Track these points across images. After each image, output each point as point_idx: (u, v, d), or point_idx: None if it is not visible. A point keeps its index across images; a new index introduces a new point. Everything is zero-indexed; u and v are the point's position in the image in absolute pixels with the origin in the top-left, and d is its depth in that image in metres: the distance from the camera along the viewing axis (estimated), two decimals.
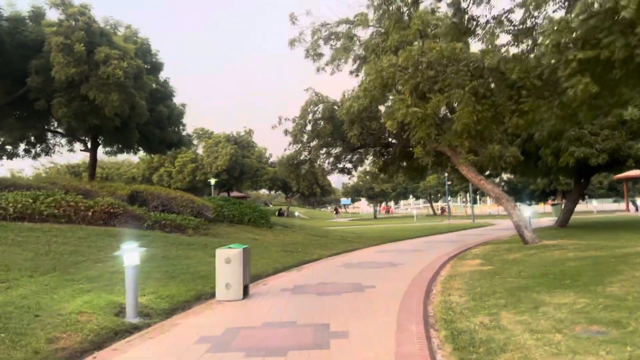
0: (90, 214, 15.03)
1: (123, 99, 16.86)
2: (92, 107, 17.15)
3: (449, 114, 14.30)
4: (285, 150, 20.35)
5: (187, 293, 8.95)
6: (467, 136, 11.37)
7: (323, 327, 6.55)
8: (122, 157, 59.29)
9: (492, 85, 11.00)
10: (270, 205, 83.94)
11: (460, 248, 17.25)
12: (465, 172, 16.38)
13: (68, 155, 62.40)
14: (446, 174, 51.13)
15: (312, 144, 19.74)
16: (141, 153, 28.08)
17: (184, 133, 24.87)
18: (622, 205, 54.57)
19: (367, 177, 21.26)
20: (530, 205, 64.43)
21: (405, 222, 46.95)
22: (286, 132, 19.48)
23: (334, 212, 71.44)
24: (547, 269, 9.90)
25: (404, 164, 20.71)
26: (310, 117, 18.02)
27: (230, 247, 9.05)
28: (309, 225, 35.88)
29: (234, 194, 63.34)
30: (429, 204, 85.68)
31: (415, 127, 11.34)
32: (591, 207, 50.90)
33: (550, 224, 27.45)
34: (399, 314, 7.15)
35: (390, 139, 19.32)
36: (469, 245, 18.38)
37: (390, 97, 13.06)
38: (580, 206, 55.34)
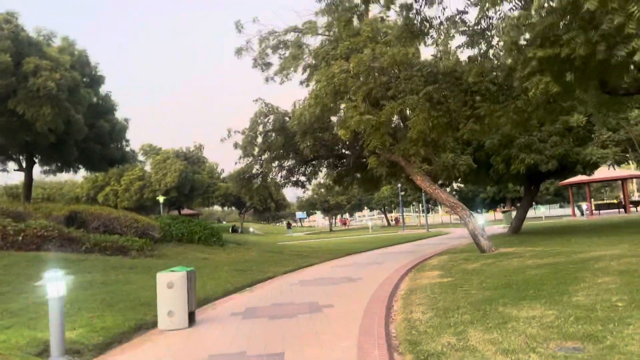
0: (20, 238, 13.74)
1: (56, 113, 15.66)
2: (22, 123, 15.85)
3: (402, 124, 14.00)
4: (235, 164, 19.57)
5: (125, 323, 8.01)
6: (423, 144, 11.02)
7: (277, 358, 5.85)
8: (65, 176, 56.42)
9: (446, 92, 10.73)
10: (224, 222, 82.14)
11: (417, 259, 16.92)
12: (420, 182, 16.12)
13: (5, 176, 59.11)
14: (400, 185, 51.51)
15: (263, 157, 19.05)
16: (83, 171, 26.56)
17: (127, 149, 23.64)
18: (567, 211, 56.56)
19: (322, 189, 20.79)
20: (481, 213, 65.97)
21: (361, 234, 46.75)
22: (236, 145, 18.71)
23: (287, 226, 70.12)
24: (508, 279, 9.59)
25: (358, 175, 20.34)
26: (260, 128, 17.35)
27: (173, 271, 8.21)
28: (264, 241, 34.99)
29: (185, 211, 61.49)
30: (382, 215, 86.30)
31: (370, 136, 10.86)
32: (539, 213, 52.44)
33: (503, 231, 27.77)
34: (360, 337, 6.54)
35: (343, 150, 18.91)
36: (425, 255, 18.10)
37: (342, 105, 12.61)
38: (529, 212, 57.13)
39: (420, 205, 67.09)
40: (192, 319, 8.24)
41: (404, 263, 15.77)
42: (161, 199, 41.44)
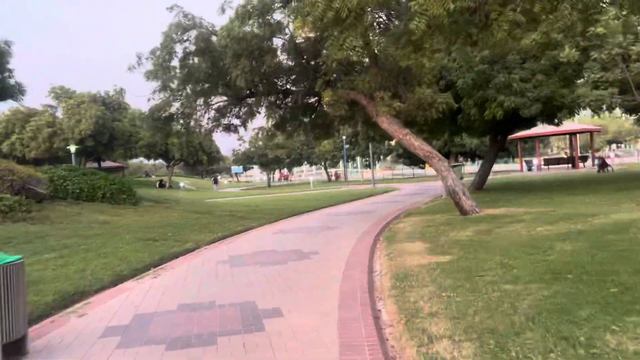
0: None
1: None
2: None
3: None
4: (148, 100, 15.14)
5: None
6: (430, 46, 7.29)
7: None
8: None
9: None
10: (153, 176, 76.20)
11: (379, 222, 13.64)
12: (387, 125, 12.65)
13: None
14: (344, 136, 48.23)
15: (184, 93, 14.78)
16: None
17: (10, 81, 18.40)
18: (512, 166, 55.87)
19: (261, 134, 16.97)
20: (423, 168, 64.48)
21: (302, 190, 43.36)
22: (148, 75, 14.27)
23: (213, 181, 62.54)
24: (541, 260, 6.41)
25: (306, 119, 16.56)
26: (177, 49, 13.03)
27: None
28: (192, 198, 30.77)
29: (107, 164, 55.47)
30: (321, 170, 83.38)
31: (342, 34, 6.90)
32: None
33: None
34: None
35: (288, 85, 15.00)
36: (387, 217, 14.86)
37: None
38: (473, 167, 55.80)
39: (363, 160, 64.62)
40: (18, 350, 4.39)
41: (366, 228, 12.42)
42: (73, 148, 35.75)
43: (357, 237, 10.93)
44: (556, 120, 22.66)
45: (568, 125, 36.85)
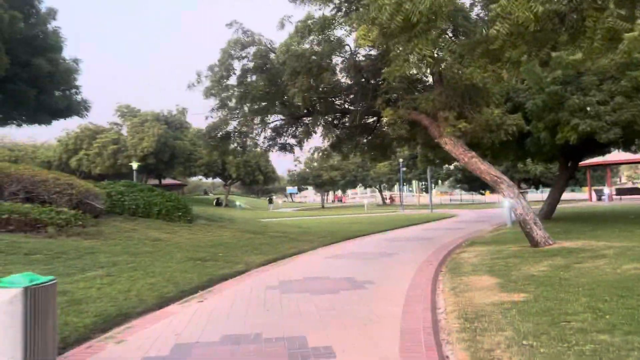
0: None
1: None
2: None
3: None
4: (207, 118, 15.12)
5: None
6: (510, 57, 6.45)
7: None
8: (42, 138, 51.55)
9: None
10: (210, 195, 77.86)
11: (440, 250, 12.77)
12: (450, 147, 11.87)
13: None
14: (401, 160, 47.27)
15: (241, 111, 14.63)
16: (58, 134, 22.02)
17: (77, 98, 19.04)
18: (579, 195, 52.85)
19: (316, 155, 16.41)
20: (483, 194, 62.15)
21: (356, 212, 42.63)
22: (206, 92, 14.25)
23: (269, 201, 64.13)
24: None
25: (363, 139, 16.00)
26: (235, 65, 12.89)
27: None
28: (247, 217, 30.77)
29: (167, 181, 57.11)
30: (375, 193, 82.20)
31: (413, 39, 6.24)
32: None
33: None
34: None
35: (346, 104, 14.54)
36: (448, 245, 13.95)
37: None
38: (536, 195, 53.11)
39: (419, 183, 63.15)
40: None
41: (426, 256, 11.60)
42: (135, 164, 36.88)
43: (417, 266, 10.14)
44: (634, 147, 20.96)
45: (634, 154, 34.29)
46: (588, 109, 14.80)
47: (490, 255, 10.43)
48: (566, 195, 54.24)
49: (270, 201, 64.30)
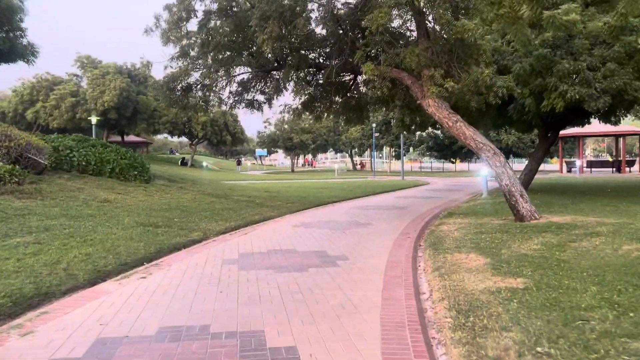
0: None
1: None
2: None
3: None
4: (165, 68, 13.56)
5: None
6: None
7: None
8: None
9: None
10: (177, 154, 75.53)
11: (416, 221, 11.88)
12: (434, 110, 10.80)
13: None
14: (374, 125, 46.22)
15: (205, 61, 13.15)
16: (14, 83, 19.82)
17: (23, 41, 17.05)
18: (549, 167, 53.10)
19: (287, 114, 14.91)
20: (454, 163, 61.98)
21: (326, 178, 41.68)
22: (164, 37, 12.70)
23: (237, 163, 64.98)
24: None
25: (339, 99, 14.78)
26: (197, 6, 11.35)
27: None
28: (212, 179, 29.39)
29: (131, 138, 54.73)
30: (346, 158, 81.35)
31: None
32: (518, 168, 47.28)
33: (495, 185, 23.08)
34: None
35: (322, 59, 13.24)
36: (424, 215, 13.09)
37: None
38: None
39: (391, 150, 62.48)
40: None
41: (402, 227, 10.68)
42: (94, 119, 34.59)
43: (393, 239, 9.19)
44: (614, 118, 20.39)
45: (613, 126, 34.09)
46: (581, 74, 13.90)
47: (472, 229, 9.55)
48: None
49: (239, 163, 63.10)
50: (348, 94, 14.74)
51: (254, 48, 12.36)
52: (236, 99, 14.65)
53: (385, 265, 6.89)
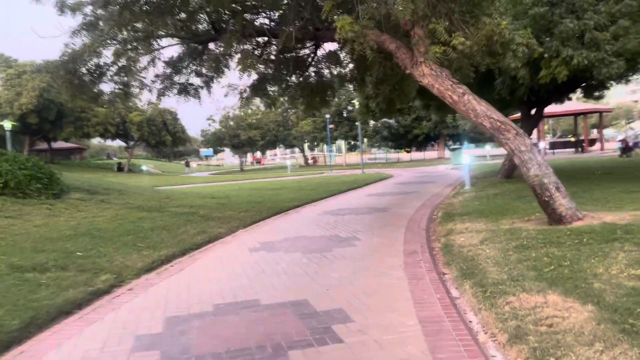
0: None
1: None
2: None
3: None
4: (66, 46, 10.07)
5: None
6: None
7: None
8: None
9: None
10: (114, 159, 70.02)
11: (414, 230, 9.09)
12: (430, 80, 8.00)
13: None
14: (327, 116, 43.36)
15: (119, 33, 9.78)
16: None
17: None
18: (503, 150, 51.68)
19: (232, 110, 11.74)
20: (409, 152, 60.16)
21: (280, 175, 38.55)
22: (60, 3, 9.28)
23: (185, 164, 64.64)
24: None
25: (296, 77, 11.77)
26: None
27: None
28: (148, 185, 25.58)
29: (60, 144, 49.54)
30: (296, 154, 78.37)
31: None
32: (482, 152, 45.06)
33: (483, 174, 20.82)
34: None
35: (273, 24, 10.14)
36: (418, 220, 10.33)
37: None
38: (477, 151, 50.76)
39: (345, 142, 60.02)
40: None
41: (400, 242, 7.82)
42: (8, 124, 29.90)
43: (400, 264, 6.31)
44: (597, 93, 18.52)
45: (573, 105, 32.89)
46: (585, 35, 11.54)
47: (504, 241, 6.79)
48: (499, 150, 52.85)
49: (188, 164, 59.97)
50: (307, 73, 11.73)
51: (181, 12, 9.14)
52: (165, 84, 11.34)
53: (420, 328, 3.98)
